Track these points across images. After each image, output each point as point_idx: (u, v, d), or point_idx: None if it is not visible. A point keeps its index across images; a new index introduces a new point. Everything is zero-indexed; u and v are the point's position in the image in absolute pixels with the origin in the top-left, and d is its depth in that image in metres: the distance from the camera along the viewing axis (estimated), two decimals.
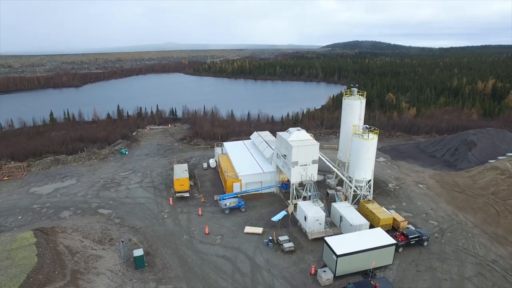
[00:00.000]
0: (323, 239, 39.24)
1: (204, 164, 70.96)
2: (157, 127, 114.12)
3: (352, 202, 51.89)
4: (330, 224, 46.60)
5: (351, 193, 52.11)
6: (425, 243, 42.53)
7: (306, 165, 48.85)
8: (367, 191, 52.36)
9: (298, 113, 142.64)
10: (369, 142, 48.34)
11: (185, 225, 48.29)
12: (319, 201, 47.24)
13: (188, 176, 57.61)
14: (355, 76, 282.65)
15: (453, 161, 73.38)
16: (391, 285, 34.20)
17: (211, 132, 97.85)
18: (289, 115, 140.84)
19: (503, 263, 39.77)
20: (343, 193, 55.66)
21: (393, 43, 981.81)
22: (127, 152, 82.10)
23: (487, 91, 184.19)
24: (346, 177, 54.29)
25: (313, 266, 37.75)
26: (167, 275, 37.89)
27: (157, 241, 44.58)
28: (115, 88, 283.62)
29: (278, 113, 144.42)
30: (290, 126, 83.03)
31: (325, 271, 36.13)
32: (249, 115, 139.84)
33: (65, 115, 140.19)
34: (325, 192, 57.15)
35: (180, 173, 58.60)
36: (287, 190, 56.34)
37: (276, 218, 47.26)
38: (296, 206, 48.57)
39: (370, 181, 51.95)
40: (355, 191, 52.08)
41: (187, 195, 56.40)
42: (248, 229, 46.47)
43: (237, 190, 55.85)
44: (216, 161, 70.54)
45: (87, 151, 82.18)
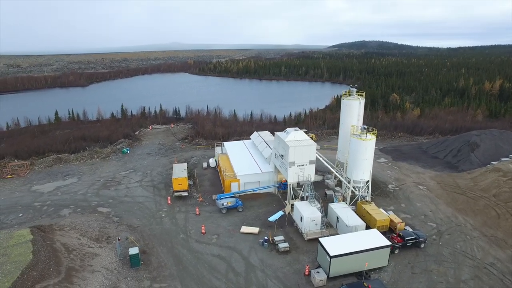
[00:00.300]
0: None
1: (204, 163, 71.23)
2: (160, 126, 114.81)
3: (350, 203, 51.63)
4: (327, 225, 46.45)
5: (349, 194, 51.84)
6: (422, 245, 42.12)
7: (303, 165, 48.72)
8: (365, 192, 52.04)
9: (301, 113, 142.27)
10: (367, 142, 48.04)
11: (182, 224, 48.53)
12: (315, 201, 47.14)
13: (186, 176, 57.82)
14: (360, 76, 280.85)
15: (455, 162, 72.52)
16: (384, 287, 33.99)
17: (213, 131, 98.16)
18: (291, 115, 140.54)
19: (501, 266, 39.23)
20: (342, 193, 55.39)
21: (400, 43, 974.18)
22: (128, 151, 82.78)
23: (494, 91, 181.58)
24: (344, 177, 54.02)
25: (307, 267, 37.66)
26: (161, 273, 38.14)
27: (153, 239, 44.89)
28: (121, 88, 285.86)
29: (281, 113, 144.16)
30: (292, 126, 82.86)
31: (318, 272, 36.01)
32: (251, 115, 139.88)
33: (69, 114, 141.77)
34: (323, 192, 56.95)
35: (179, 172, 58.86)
36: (285, 190, 56.23)
37: (273, 218, 47.36)
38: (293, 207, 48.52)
39: (368, 182, 51.60)
40: (353, 192, 51.80)
41: (185, 194, 56.64)
42: (244, 229, 46.53)
43: (235, 189, 56.00)
44: (216, 160, 70.76)
45: (89, 150, 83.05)
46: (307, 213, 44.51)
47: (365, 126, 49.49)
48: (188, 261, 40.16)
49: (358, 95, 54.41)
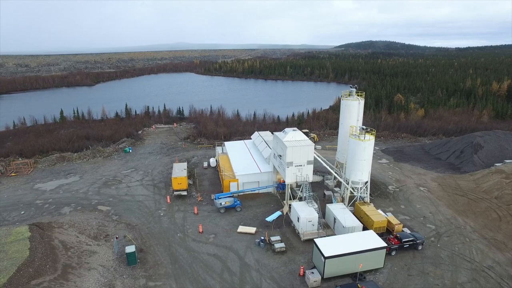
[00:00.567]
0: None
1: (205, 163, 71.50)
2: (163, 126, 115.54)
3: (349, 203, 51.38)
4: (324, 226, 46.29)
5: (347, 194, 51.59)
6: (419, 247, 41.75)
7: (301, 165, 48.62)
8: (364, 193, 51.73)
9: (304, 113, 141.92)
10: (365, 143, 47.76)
11: (180, 223, 48.81)
12: (313, 202, 47.01)
13: (186, 175, 58.10)
14: (366, 76, 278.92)
15: (458, 163, 71.64)
16: None
17: (215, 131, 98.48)
18: (294, 115, 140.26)
19: (500, 269, 38.67)
20: (340, 194, 55.14)
21: (408, 43, 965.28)
22: (130, 151, 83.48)
23: (501, 92, 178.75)
24: (343, 178, 53.77)
25: (302, 268, 37.59)
26: (157, 272, 38.42)
27: (151, 238, 45.23)
28: (126, 88, 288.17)
29: (284, 113, 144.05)
30: (294, 126, 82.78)
31: (313, 272, 35.90)
32: (254, 115, 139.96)
33: (74, 113, 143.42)
34: (322, 193, 56.75)
35: (179, 171, 59.17)
36: (284, 190, 56.19)
37: (271, 218, 47.35)
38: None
39: (366, 182, 51.28)
40: (351, 193, 51.53)
41: (185, 193, 56.93)
42: (241, 228, 46.62)
43: (234, 189, 56.12)
44: (216, 160, 70.97)
45: (92, 149, 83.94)
46: (304, 214, 44.42)
47: (364, 127, 49.19)
48: (184, 260, 40.39)
49: (358, 95, 54.10)
